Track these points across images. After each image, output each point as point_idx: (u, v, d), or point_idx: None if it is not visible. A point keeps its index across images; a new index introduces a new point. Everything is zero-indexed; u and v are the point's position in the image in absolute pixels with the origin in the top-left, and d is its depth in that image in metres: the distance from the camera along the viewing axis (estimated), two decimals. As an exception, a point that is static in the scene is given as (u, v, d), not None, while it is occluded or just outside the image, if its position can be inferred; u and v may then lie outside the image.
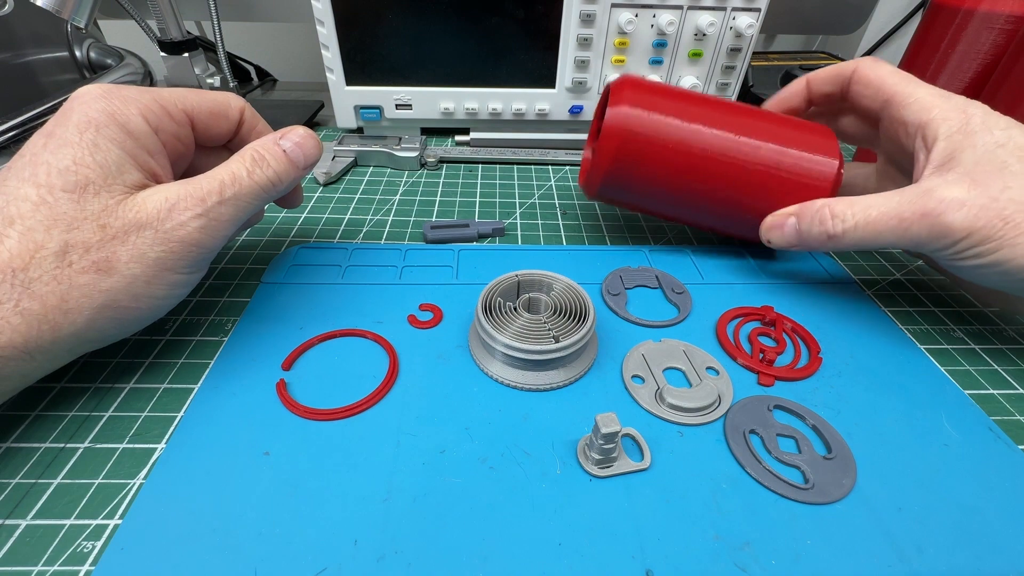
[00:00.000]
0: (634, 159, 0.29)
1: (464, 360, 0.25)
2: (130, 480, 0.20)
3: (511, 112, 0.47)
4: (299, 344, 0.25)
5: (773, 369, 0.25)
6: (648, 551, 0.18)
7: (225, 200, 0.22)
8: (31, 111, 0.39)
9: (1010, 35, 0.36)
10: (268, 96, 0.62)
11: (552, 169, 0.45)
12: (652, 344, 0.26)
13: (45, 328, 0.18)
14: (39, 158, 0.19)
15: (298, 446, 0.21)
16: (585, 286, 0.28)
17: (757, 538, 0.18)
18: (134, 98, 0.21)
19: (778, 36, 0.75)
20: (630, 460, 0.20)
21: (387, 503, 0.19)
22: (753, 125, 0.29)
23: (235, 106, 0.26)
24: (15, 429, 0.21)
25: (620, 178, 0.30)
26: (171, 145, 0.23)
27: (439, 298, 0.29)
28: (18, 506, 0.19)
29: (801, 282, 0.31)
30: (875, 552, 0.18)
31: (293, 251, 0.32)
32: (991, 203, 0.22)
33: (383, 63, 0.45)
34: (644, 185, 0.30)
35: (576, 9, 0.42)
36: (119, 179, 0.20)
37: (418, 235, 0.35)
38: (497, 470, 0.20)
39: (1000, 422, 0.23)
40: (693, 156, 0.29)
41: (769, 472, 0.20)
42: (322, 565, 0.17)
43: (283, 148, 0.24)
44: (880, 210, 0.25)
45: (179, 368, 0.24)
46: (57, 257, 0.19)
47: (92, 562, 0.17)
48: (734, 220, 0.31)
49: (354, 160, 0.44)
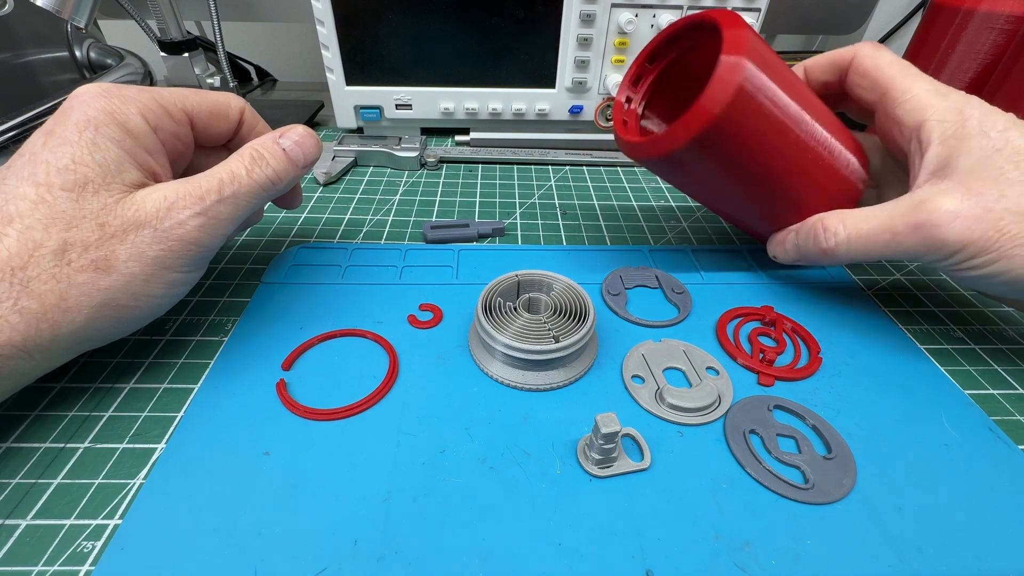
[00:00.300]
0: (738, 132, 0.23)
1: (464, 360, 0.25)
2: (130, 480, 0.20)
3: (511, 112, 0.47)
4: (299, 344, 0.25)
5: (773, 369, 0.25)
6: (648, 551, 0.18)
7: (224, 199, 0.22)
8: (31, 111, 0.39)
9: (1010, 35, 0.36)
10: (268, 96, 0.62)
11: (552, 169, 0.45)
12: (652, 344, 0.26)
13: (44, 327, 0.18)
14: (38, 157, 0.19)
15: (298, 446, 0.21)
16: (585, 286, 0.28)
17: (757, 538, 0.18)
18: (133, 97, 0.21)
19: (778, 36, 0.75)
20: (630, 460, 0.20)
21: (387, 503, 0.19)
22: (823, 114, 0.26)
23: (235, 106, 0.26)
24: (15, 429, 0.21)
25: (705, 149, 0.24)
26: (170, 144, 0.23)
27: (439, 298, 0.29)
28: (18, 506, 0.19)
29: (801, 282, 0.31)
30: (875, 552, 0.18)
31: (293, 251, 0.32)
32: (986, 214, 0.21)
33: (383, 63, 0.45)
34: (726, 163, 0.24)
35: (576, 9, 0.42)
36: (118, 178, 0.20)
37: (418, 235, 0.35)
38: (497, 470, 0.20)
39: (1000, 422, 0.23)
40: (788, 140, 0.24)
41: (769, 472, 0.20)
42: (322, 565, 0.17)
43: (282, 147, 0.24)
44: (872, 224, 0.24)
45: (179, 368, 0.24)
46: (56, 256, 0.19)
47: (92, 562, 0.17)
48: (783, 218, 0.28)
49: (354, 160, 0.44)
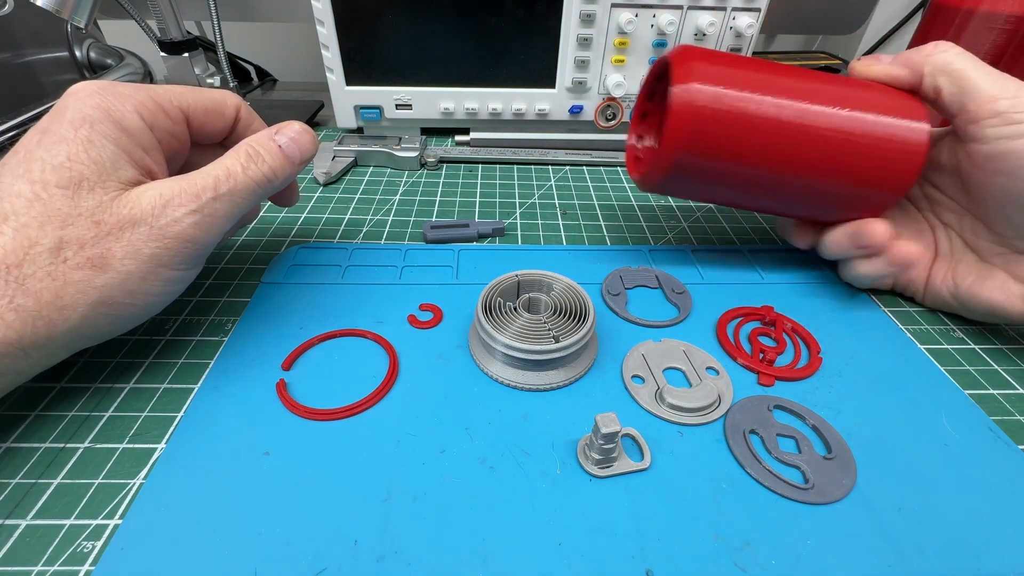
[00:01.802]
0: (710, 143, 0.25)
1: (464, 360, 0.25)
2: (130, 480, 0.20)
3: (511, 112, 0.47)
4: (299, 344, 0.25)
5: (773, 369, 0.25)
6: (648, 551, 0.18)
7: (220, 196, 0.22)
8: (31, 111, 0.39)
9: (1010, 35, 0.36)
10: (268, 96, 0.62)
11: (552, 169, 0.45)
12: (652, 344, 0.26)
13: (40, 324, 0.18)
14: (33, 154, 0.19)
15: (298, 446, 0.21)
16: (585, 286, 0.28)
17: (757, 538, 0.18)
18: (129, 94, 0.21)
19: (778, 36, 0.75)
20: (630, 460, 0.20)
21: (387, 503, 0.19)
22: (831, 92, 0.26)
23: (231, 104, 0.26)
24: (15, 429, 0.21)
25: (692, 167, 0.26)
26: (166, 142, 0.23)
27: (439, 298, 0.29)
28: (18, 506, 0.19)
29: (801, 282, 0.31)
30: (875, 552, 0.18)
31: (293, 251, 0.32)
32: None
33: (383, 63, 0.45)
34: (721, 171, 0.26)
35: (576, 9, 0.42)
36: (113, 175, 0.20)
37: (418, 235, 0.35)
38: (497, 470, 0.20)
39: (1000, 422, 0.23)
40: (774, 131, 0.25)
41: (769, 472, 0.20)
42: (322, 565, 0.17)
43: (278, 143, 0.24)
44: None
45: (179, 368, 0.24)
46: (51, 253, 0.19)
47: (92, 562, 0.17)
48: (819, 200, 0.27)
49: (354, 160, 0.44)
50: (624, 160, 0.46)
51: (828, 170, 0.26)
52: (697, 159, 0.26)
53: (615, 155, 0.46)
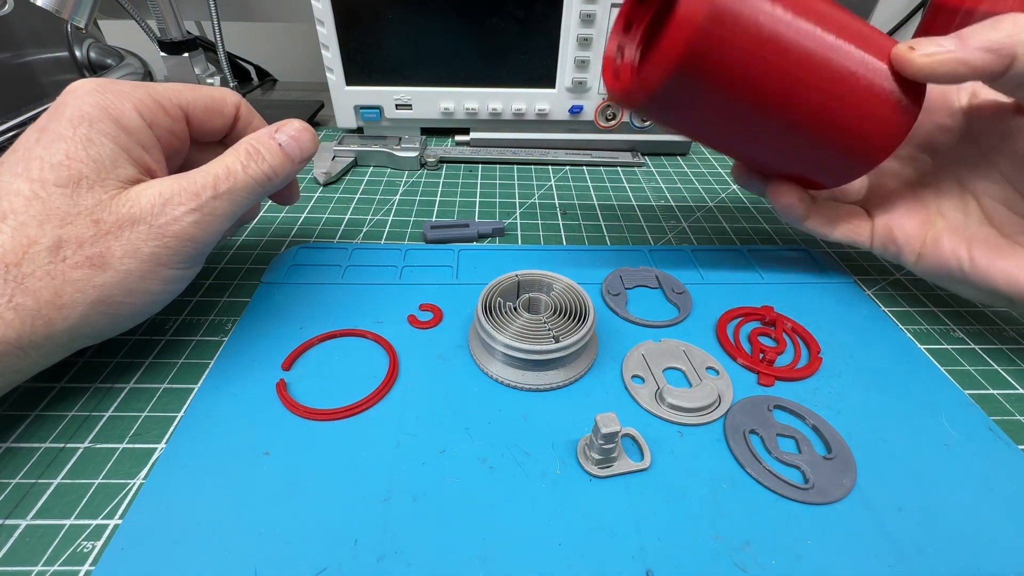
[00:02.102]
0: (725, 60, 0.21)
1: (464, 360, 0.25)
2: (130, 480, 0.20)
3: (511, 112, 0.47)
4: (299, 344, 0.25)
5: (773, 369, 0.25)
6: (648, 551, 0.18)
7: (219, 194, 0.21)
8: (31, 111, 0.39)
9: (1010, 35, 0.36)
10: (268, 96, 0.62)
11: (552, 169, 0.45)
12: (652, 344, 0.26)
13: (39, 323, 0.18)
14: (32, 153, 0.19)
15: (298, 446, 0.21)
16: (585, 286, 0.28)
17: (757, 538, 0.18)
18: (128, 92, 0.21)
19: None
20: (630, 460, 0.20)
21: (387, 503, 0.19)
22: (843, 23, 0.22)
23: (231, 102, 0.26)
24: (15, 429, 0.21)
25: (689, 88, 0.21)
26: (166, 140, 0.23)
27: (439, 298, 0.29)
28: (18, 506, 0.19)
29: (801, 282, 0.31)
30: (875, 552, 0.18)
31: (293, 251, 0.32)
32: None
33: (383, 63, 0.45)
34: (721, 93, 0.22)
35: (576, 9, 0.42)
36: (112, 174, 0.20)
37: (418, 235, 0.35)
38: (497, 470, 0.20)
39: (1000, 422, 0.23)
40: (796, 62, 0.21)
41: (769, 472, 0.20)
42: (322, 565, 0.17)
43: (278, 142, 0.24)
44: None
45: (179, 368, 0.24)
46: (50, 252, 0.18)
47: (92, 562, 0.17)
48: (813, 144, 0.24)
49: (354, 160, 0.44)
50: (625, 160, 0.46)
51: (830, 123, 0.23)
52: (697, 80, 0.21)
53: (615, 155, 0.46)
